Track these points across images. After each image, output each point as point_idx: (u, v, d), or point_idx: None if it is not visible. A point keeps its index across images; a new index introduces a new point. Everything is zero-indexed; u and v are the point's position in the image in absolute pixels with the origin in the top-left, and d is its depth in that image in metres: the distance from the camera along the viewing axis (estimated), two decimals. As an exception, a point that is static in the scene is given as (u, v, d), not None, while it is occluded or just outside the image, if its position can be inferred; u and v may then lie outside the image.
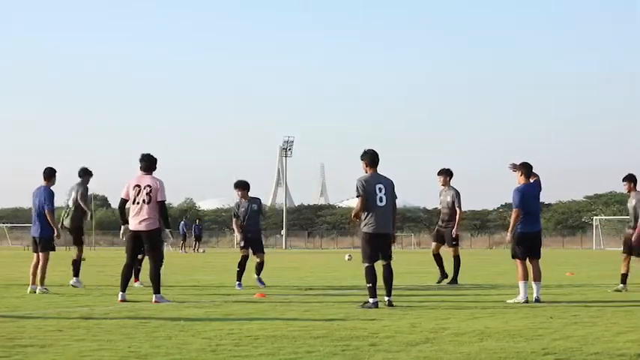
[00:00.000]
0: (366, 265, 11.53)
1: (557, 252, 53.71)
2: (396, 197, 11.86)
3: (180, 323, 9.23)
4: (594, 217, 79.69)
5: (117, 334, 8.20)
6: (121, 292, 12.33)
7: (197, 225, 53.18)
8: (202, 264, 28.42)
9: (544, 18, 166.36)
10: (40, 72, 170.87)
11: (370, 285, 11.39)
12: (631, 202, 15.06)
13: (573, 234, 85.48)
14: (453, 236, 16.90)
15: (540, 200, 12.96)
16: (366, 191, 11.50)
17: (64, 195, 16.09)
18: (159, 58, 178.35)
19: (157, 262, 12.36)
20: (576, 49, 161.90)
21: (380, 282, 11.52)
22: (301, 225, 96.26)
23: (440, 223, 17.14)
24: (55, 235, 14.16)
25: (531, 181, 12.65)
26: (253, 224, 15.51)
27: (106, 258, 34.35)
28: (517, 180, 12.65)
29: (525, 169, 12.60)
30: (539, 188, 12.79)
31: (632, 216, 14.95)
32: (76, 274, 15.40)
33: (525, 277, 12.29)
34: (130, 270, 12.51)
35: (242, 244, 15.55)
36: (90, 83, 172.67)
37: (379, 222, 11.54)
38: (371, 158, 11.74)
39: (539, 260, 12.57)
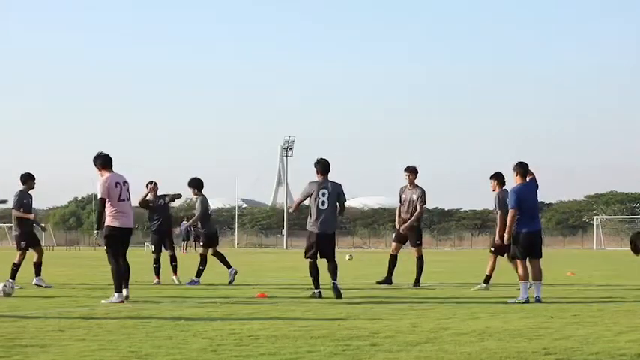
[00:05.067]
0: (309, 261, 13.27)
1: (558, 252, 53.68)
2: (345, 199, 13.41)
3: (180, 323, 9.23)
4: (595, 217, 79.74)
5: (117, 334, 8.20)
6: (124, 290, 12.18)
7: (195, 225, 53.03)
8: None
9: (544, 17, 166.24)
10: (45, 70, 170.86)
11: (312, 278, 13.17)
12: (496, 200, 15.09)
13: (574, 234, 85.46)
14: (402, 232, 16.03)
15: (538, 199, 12.91)
16: (309, 195, 13.15)
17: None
18: (159, 58, 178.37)
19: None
20: (577, 48, 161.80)
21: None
22: (302, 225, 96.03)
23: (402, 222, 16.11)
24: None
25: (527, 180, 12.60)
26: None
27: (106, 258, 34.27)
28: (513, 180, 12.61)
29: (521, 168, 12.55)
30: (536, 186, 12.73)
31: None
32: (38, 273, 15.51)
33: (526, 277, 12.27)
34: (122, 269, 12.27)
35: None
36: (91, 84, 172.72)
37: (320, 223, 13.13)
38: (322, 167, 13.24)
39: (540, 260, 12.55)
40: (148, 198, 16.99)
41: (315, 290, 13.01)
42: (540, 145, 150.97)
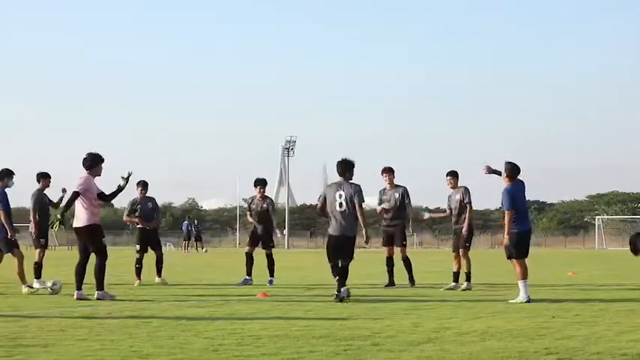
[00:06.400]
0: (330, 264, 12.83)
1: (559, 252, 53.66)
2: (363, 201, 12.79)
3: (182, 323, 9.23)
4: (596, 217, 79.64)
5: (119, 334, 8.20)
6: (76, 292, 12.57)
7: (195, 224, 53.14)
8: (205, 263, 28.42)
9: (544, 17, 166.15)
10: (45, 70, 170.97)
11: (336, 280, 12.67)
12: (454, 197, 15.37)
13: (575, 234, 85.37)
14: (409, 232, 16.14)
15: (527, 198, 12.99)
16: (326, 197, 12.82)
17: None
18: (159, 58, 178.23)
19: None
20: (577, 48, 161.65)
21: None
22: (303, 224, 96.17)
23: (389, 222, 16.13)
24: (9, 235, 13.86)
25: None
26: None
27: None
28: (503, 181, 12.58)
29: (511, 170, 12.51)
30: (524, 185, 12.75)
31: (457, 210, 15.41)
32: (38, 276, 15.26)
33: (525, 277, 12.26)
34: (78, 266, 12.80)
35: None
36: (91, 84, 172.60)
37: (338, 225, 12.75)
38: (339, 168, 12.93)
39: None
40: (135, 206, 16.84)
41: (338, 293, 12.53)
42: (540, 145, 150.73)
